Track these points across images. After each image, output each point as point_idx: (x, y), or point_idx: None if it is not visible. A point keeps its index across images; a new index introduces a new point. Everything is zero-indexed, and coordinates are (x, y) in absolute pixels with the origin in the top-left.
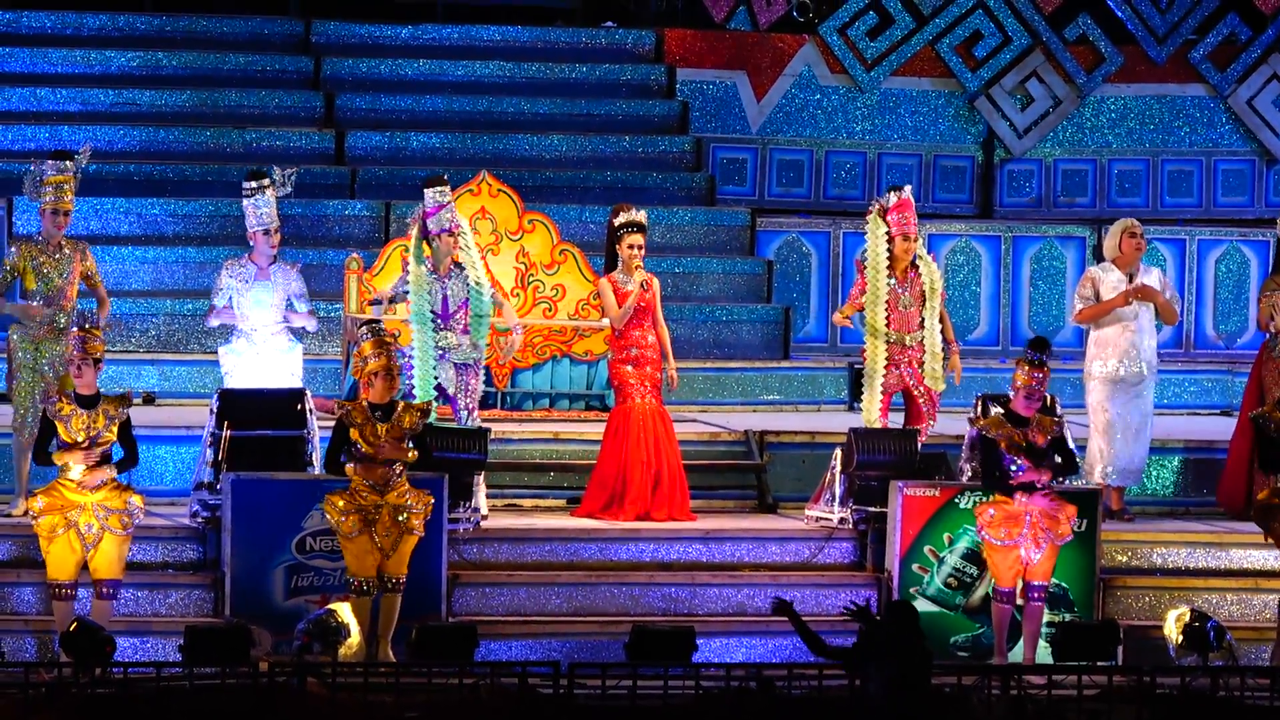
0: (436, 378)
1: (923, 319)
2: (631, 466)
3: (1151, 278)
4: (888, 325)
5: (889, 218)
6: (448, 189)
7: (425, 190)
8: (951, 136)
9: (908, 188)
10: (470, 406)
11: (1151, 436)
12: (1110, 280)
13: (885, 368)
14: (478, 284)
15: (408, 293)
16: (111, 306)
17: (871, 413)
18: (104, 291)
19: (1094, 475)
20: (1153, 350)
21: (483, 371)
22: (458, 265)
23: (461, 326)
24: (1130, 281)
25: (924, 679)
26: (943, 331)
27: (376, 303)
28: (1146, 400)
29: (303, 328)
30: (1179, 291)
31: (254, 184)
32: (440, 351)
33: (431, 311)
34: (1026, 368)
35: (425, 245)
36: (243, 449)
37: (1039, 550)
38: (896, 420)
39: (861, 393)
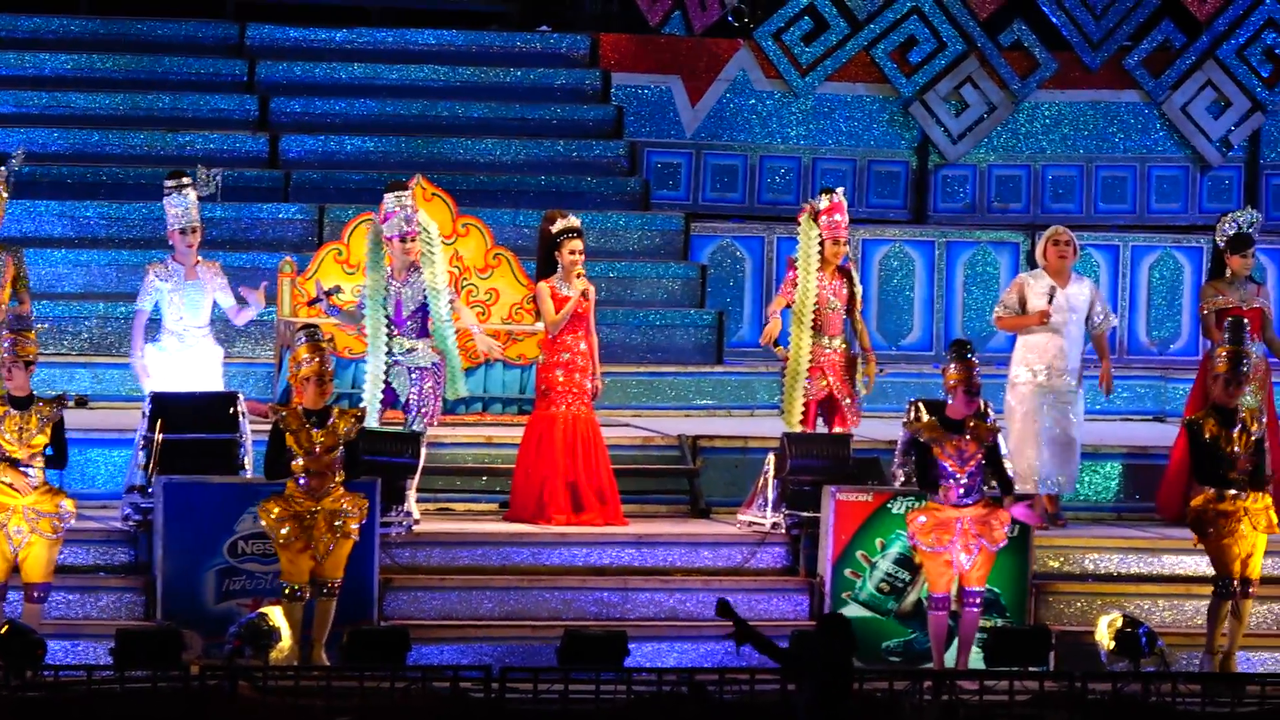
0: (388, 382)
1: (846, 322)
2: (552, 474)
3: (1083, 287)
4: (814, 327)
5: (820, 220)
6: (407, 194)
7: (385, 195)
8: (886, 142)
9: (840, 191)
10: (426, 411)
11: (1083, 444)
12: (1038, 288)
13: (810, 371)
14: (435, 290)
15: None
16: (44, 309)
17: (794, 415)
18: (27, 295)
19: (1025, 485)
20: (1078, 360)
21: (438, 377)
22: (415, 269)
23: (416, 331)
24: (1052, 294)
25: (846, 694)
26: (859, 339)
27: (316, 300)
28: (1076, 409)
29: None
30: (1113, 298)
31: (172, 183)
32: (394, 356)
33: (386, 316)
34: (957, 365)
35: (384, 249)
36: (175, 452)
37: (971, 557)
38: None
39: None
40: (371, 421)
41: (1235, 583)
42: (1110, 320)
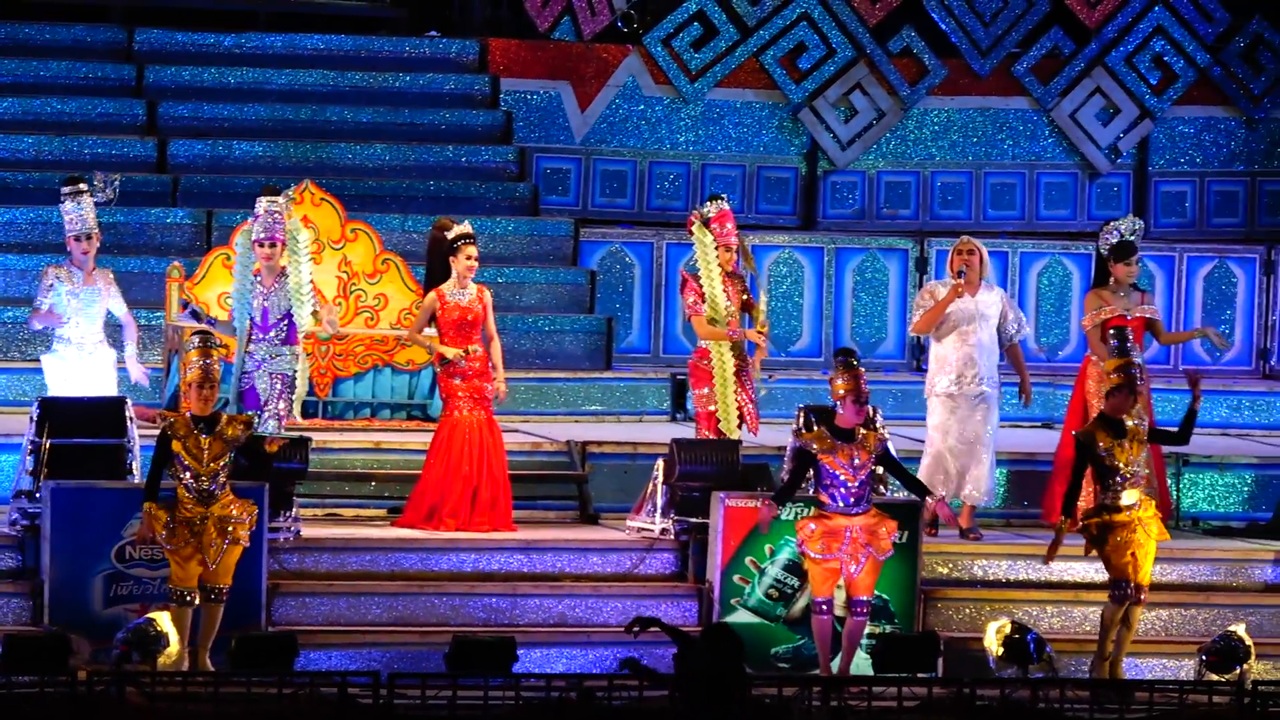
0: (254, 384)
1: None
2: (451, 479)
3: (993, 295)
4: None
5: (711, 228)
6: (278, 199)
7: (258, 198)
8: (775, 148)
9: (725, 197)
10: (281, 414)
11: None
12: (945, 294)
13: (710, 379)
14: (299, 298)
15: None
16: None
17: (731, 420)
18: None
19: (932, 486)
20: (993, 367)
21: (292, 382)
22: (282, 275)
23: (282, 338)
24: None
25: (735, 701)
26: (756, 320)
27: (193, 314)
28: (990, 417)
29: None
30: None
31: (69, 189)
32: (257, 361)
33: (251, 320)
34: (843, 372)
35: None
36: (63, 457)
37: (859, 565)
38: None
39: (685, 404)
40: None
41: (1131, 587)
42: (1024, 329)
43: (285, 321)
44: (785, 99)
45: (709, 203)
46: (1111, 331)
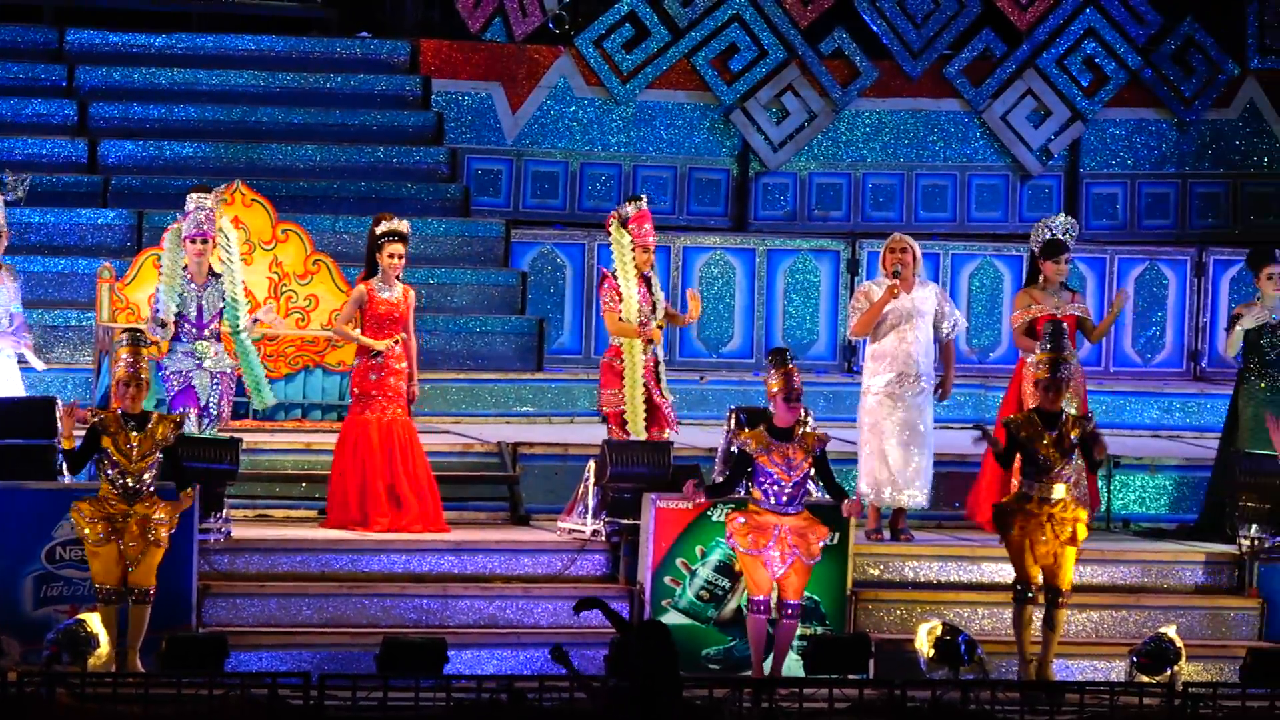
0: (191, 384)
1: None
2: (371, 478)
3: (928, 291)
4: None
5: (630, 228)
6: (207, 197)
7: (188, 195)
8: (707, 149)
9: (645, 198)
10: (222, 413)
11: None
12: (881, 293)
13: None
14: (234, 299)
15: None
16: None
17: (638, 422)
18: None
19: (883, 495)
20: (929, 364)
21: (235, 383)
22: (214, 274)
23: (217, 335)
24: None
25: (668, 701)
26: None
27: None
28: (926, 417)
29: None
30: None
31: None
32: (196, 360)
33: (185, 318)
34: (777, 372)
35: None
36: None
37: (784, 565)
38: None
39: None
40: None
41: (1034, 588)
42: (959, 325)
43: (217, 321)
44: (717, 100)
45: (628, 203)
46: (1046, 327)
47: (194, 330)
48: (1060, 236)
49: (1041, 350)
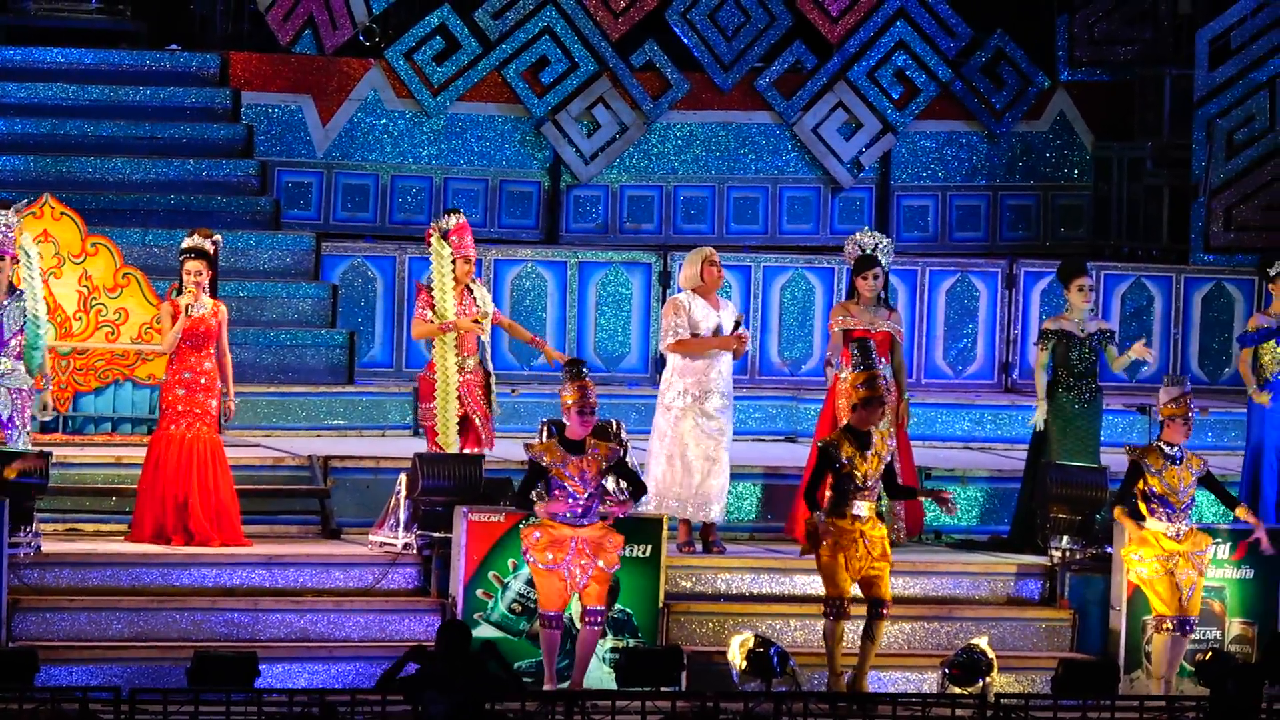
0: None
1: (480, 342)
2: (167, 495)
3: (728, 311)
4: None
5: (450, 240)
6: (9, 214)
7: None
8: (518, 162)
9: (461, 211)
10: (25, 425)
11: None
12: (698, 307)
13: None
14: (35, 316)
15: None
16: None
17: (450, 436)
18: None
19: (666, 504)
20: (729, 379)
21: (36, 396)
22: (15, 292)
23: (16, 352)
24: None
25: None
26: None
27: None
28: (725, 431)
29: None
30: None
31: None
32: None
33: None
34: (572, 385)
35: None
36: None
37: (585, 576)
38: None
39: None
40: None
41: (846, 603)
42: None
43: (17, 338)
44: (528, 113)
45: (448, 215)
46: (854, 344)
47: None
48: (869, 252)
49: (854, 370)
